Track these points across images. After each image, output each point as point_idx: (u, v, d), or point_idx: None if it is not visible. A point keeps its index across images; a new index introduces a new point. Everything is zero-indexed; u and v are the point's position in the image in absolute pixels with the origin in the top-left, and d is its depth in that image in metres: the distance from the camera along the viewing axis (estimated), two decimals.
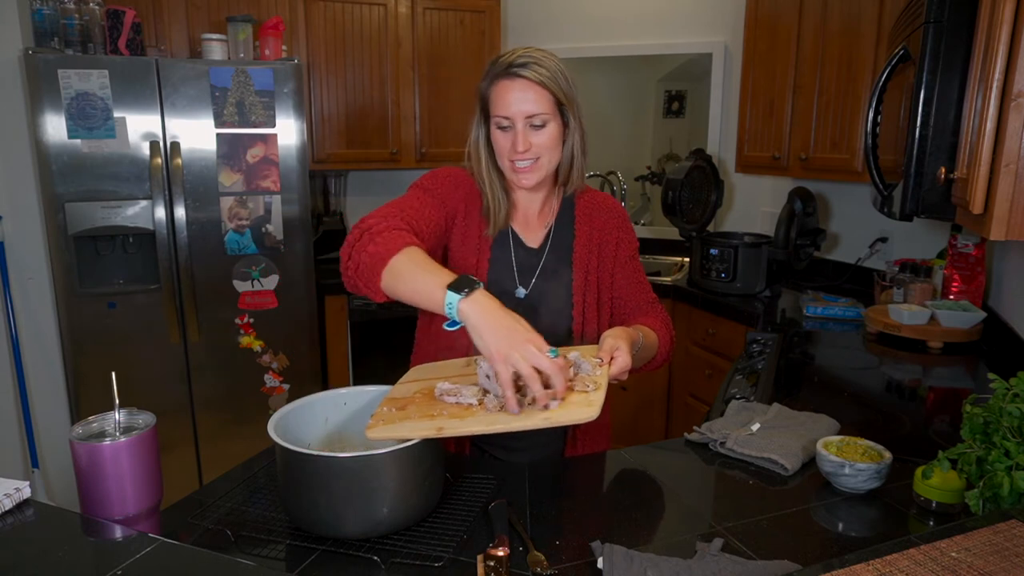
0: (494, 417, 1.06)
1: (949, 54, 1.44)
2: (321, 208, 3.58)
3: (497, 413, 1.06)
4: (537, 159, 1.35)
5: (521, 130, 1.32)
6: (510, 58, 1.32)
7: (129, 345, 2.65)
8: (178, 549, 0.91)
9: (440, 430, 1.03)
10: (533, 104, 1.31)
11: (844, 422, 1.48)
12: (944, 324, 2.13)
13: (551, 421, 1.03)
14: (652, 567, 0.96)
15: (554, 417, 1.03)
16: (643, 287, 1.55)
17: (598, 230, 1.50)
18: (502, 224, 1.43)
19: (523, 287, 1.45)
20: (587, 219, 1.50)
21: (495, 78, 1.33)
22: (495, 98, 1.33)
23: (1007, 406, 1.05)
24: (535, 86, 1.30)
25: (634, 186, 4.02)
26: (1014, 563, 0.80)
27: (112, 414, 1.08)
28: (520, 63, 1.30)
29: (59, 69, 2.41)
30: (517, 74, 1.30)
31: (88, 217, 2.53)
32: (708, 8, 3.53)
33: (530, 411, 1.04)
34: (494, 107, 1.34)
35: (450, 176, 1.43)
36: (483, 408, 1.09)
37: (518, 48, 1.34)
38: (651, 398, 3.23)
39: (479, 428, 1.04)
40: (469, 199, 1.44)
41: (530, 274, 1.45)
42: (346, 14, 3.21)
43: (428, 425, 1.05)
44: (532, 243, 1.47)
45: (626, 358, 1.22)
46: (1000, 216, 1.18)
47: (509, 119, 1.32)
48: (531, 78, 1.30)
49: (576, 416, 1.03)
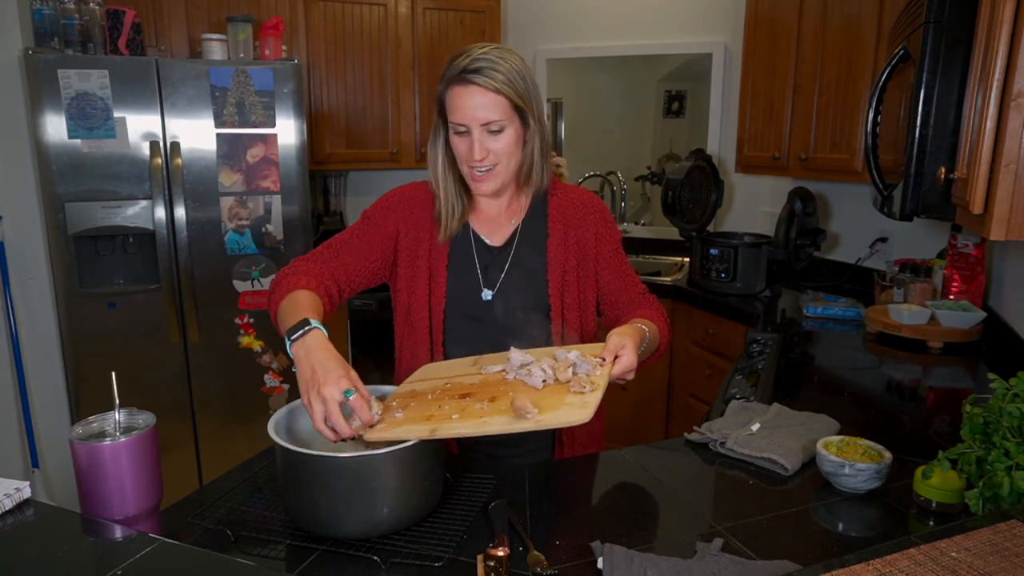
0: (485, 420, 1.05)
1: (949, 54, 1.44)
2: (321, 208, 3.58)
3: (488, 415, 1.06)
4: (494, 166, 1.33)
5: (478, 138, 1.29)
6: (464, 61, 1.27)
7: (129, 345, 2.65)
8: (178, 549, 0.91)
9: (434, 431, 1.04)
10: (488, 111, 1.27)
11: (844, 422, 1.48)
12: (944, 324, 2.13)
13: (542, 424, 1.02)
14: (652, 567, 0.96)
15: (546, 420, 1.03)
16: (632, 279, 1.51)
17: (574, 227, 1.45)
18: (454, 229, 1.41)
19: (489, 289, 1.41)
20: (561, 216, 1.45)
21: (449, 83, 1.30)
22: (450, 104, 1.30)
23: (1007, 406, 1.05)
24: (489, 93, 1.26)
25: (634, 186, 4.02)
26: (1014, 563, 0.80)
27: (112, 414, 1.08)
28: (474, 68, 1.26)
29: (59, 69, 2.41)
30: (470, 80, 1.26)
31: (88, 217, 2.53)
32: (708, 8, 3.53)
33: (521, 413, 1.04)
34: (450, 113, 1.31)
35: (389, 199, 1.46)
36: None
37: (474, 48, 1.29)
38: (651, 398, 3.23)
39: (470, 430, 1.04)
40: (414, 213, 1.43)
41: (496, 275, 1.42)
42: (346, 14, 3.21)
43: (423, 427, 1.05)
44: (496, 241, 1.44)
45: (631, 357, 1.20)
46: (1000, 216, 1.18)
47: (465, 126, 1.30)
48: (485, 85, 1.26)
49: (568, 418, 1.02)
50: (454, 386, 1.19)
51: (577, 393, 1.08)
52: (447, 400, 1.14)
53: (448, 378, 1.23)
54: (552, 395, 1.09)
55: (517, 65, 1.30)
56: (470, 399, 1.13)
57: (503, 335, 1.37)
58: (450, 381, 1.21)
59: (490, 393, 1.13)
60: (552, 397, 1.08)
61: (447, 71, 1.30)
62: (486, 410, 1.07)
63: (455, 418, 1.07)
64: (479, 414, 1.07)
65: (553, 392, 1.10)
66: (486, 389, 1.15)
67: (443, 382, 1.22)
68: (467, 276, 1.42)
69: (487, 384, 1.17)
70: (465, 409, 1.09)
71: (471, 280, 1.41)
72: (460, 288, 1.41)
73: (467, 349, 1.39)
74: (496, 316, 1.40)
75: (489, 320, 1.41)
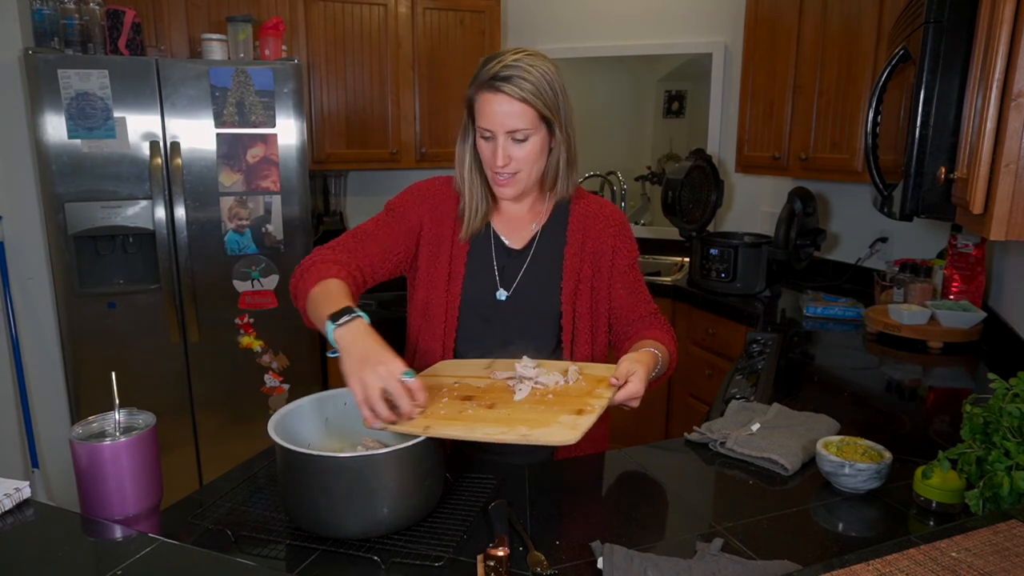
0: (475, 426, 1.07)
1: (949, 54, 1.44)
2: (321, 208, 3.58)
3: (479, 422, 1.08)
4: (517, 172, 1.34)
5: (502, 144, 1.30)
6: (495, 68, 1.28)
7: (129, 345, 2.65)
8: (178, 549, 0.91)
9: (427, 429, 1.05)
10: (514, 119, 1.28)
11: (844, 422, 1.48)
12: (944, 324, 2.13)
13: (528, 439, 1.03)
14: (652, 567, 0.96)
15: (533, 435, 1.04)
16: (644, 297, 1.51)
17: (592, 239, 1.46)
18: (476, 228, 1.42)
19: (504, 289, 1.43)
20: (581, 227, 1.46)
21: (479, 88, 1.30)
22: (478, 109, 1.32)
23: (1007, 406, 1.05)
24: (516, 102, 1.27)
25: (634, 186, 4.02)
26: (1014, 563, 0.80)
27: (112, 414, 1.08)
28: (504, 76, 1.26)
29: (59, 69, 2.41)
30: (499, 88, 1.27)
31: (88, 217, 2.53)
32: (708, 8, 3.53)
33: (511, 425, 1.06)
34: (477, 117, 1.33)
35: (414, 192, 1.47)
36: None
37: (507, 54, 1.30)
38: (651, 398, 3.20)
39: (460, 434, 1.06)
40: (438, 208, 1.44)
41: (513, 276, 1.43)
42: (346, 14, 3.21)
43: (417, 424, 1.07)
44: (515, 244, 1.45)
45: (638, 386, 1.21)
46: (1000, 216, 1.18)
47: (490, 131, 1.31)
48: (512, 94, 1.27)
49: (556, 437, 1.03)
50: (462, 386, 1.21)
51: (572, 413, 1.09)
52: (451, 400, 1.15)
53: (459, 377, 1.24)
54: (547, 411, 1.10)
55: (547, 74, 1.30)
56: (471, 402, 1.14)
57: (513, 336, 1.39)
58: (460, 381, 1.23)
59: (490, 399, 1.15)
60: (547, 413, 1.10)
61: (478, 75, 1.31)
62: (479, 416, 1.09)
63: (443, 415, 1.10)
64: (471, 419, 1.08)
65: (549, 408, 1.12)
66: (488, 394, 1.17)
67: (453, 380, 1.24)
68: (484, 275, 1.43)
69: (492, 389, 1.19)
70: (462, 412, 1.10)
71: (487, 279, 1.43)
72: (476, 286, 1.42)
73: (477, 347, 1.41)
74: (508, 317, 1.42)
75: (501, 320, 1.42)
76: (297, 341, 2.91)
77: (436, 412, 1.11)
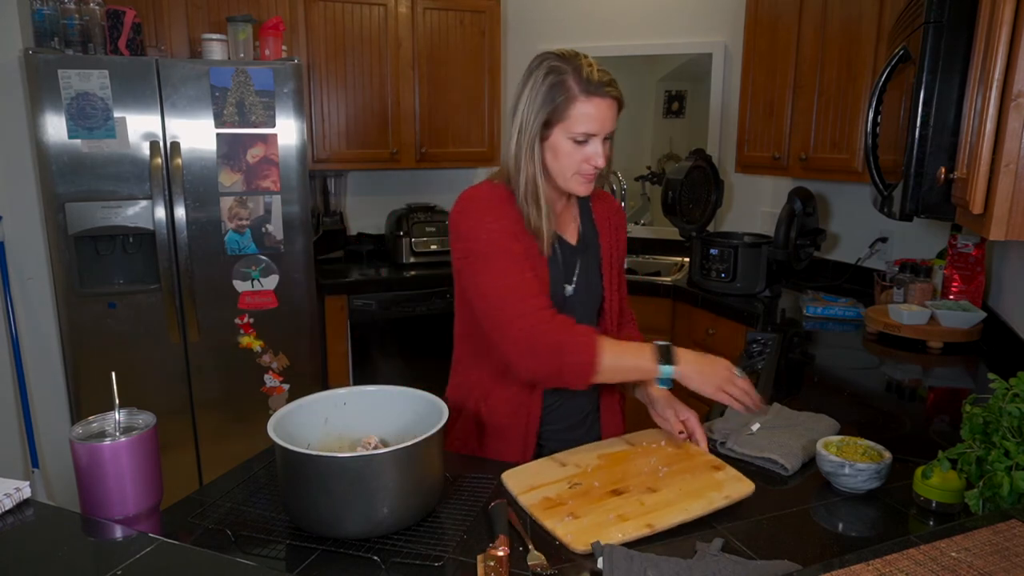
0: (687, 506, 1.14)
1: (949, 54, 1.44)
2: (321, 208, 3.58)
3: (668, 507, 1.14)
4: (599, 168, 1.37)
5: (604, 146, 1.34)
6: (598, 74, 1.30)
7: (129, 345, 2.65)
8: (178, 549, 0.91)
9: (650, 527, 1.09)
10: (613, 120, 1.34)
11: (844, 422, 1.48)
12: (944, 324, 2.13)
13: (731, 500, 1.18)
14: (652, 567, 0.96)
15: (732, 496, 1.18)
16: (625, 287, 1.63)
17: (613, 228, 1.56)
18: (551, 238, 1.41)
19: (568, 284, 1.47)
20: (604, 217, 1.55)
21: (589, 94, 1.29)
22: (582, 113, 1.30)
23: (1007, 406, 1.05)
24: (616, 104, 1.34)
25: (634, 186, 4.02)
26: (1014, 563, 0.80)
27: (112, 414, 1.08)
28: (608, 80, 1.31)
29: (59, 69, 2.41)
30: (608, 93, 1.31)
31: (88, 217, 2.53)
32: (708, 8, 3.53)
33: (698, 496, 1.17)
34: (576, 122, 1.30)
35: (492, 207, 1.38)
36: None
37: (583, 55, 1.32)
38: None
39: (681, 517, 1.12)
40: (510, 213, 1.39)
41: (572, 271, 1.48)
42: (346, 14, 3.21)
43: (640, 524, 1.10)
44: (571, 239, 1.50)
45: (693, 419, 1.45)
46: (1000, 216, 1.18)
47: (593, 135, 1.32)
48: (617, 97, 1.33)
49: (744, 489, 1.20)
50: (586, 485, 1.22)
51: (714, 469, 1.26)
52: (609, 497, 1.18)
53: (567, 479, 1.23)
54: (694, 478, 1.23)
55: None
56: (631, 494, 1.18)
57: None
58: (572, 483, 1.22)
59: (642, 484, 1.21)
60: (698, 477, 1.23)
61: (578, 81, 1.29)
62: (665, 500, 1.16)
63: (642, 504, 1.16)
64: (661, 506, 1.14)
65: (692, 475, 1.24)
66: (627, 480, 1.23)
67: (566, 484, 1.22)
68: (557, 273, 1.45)
69: (624, 476, 1.25)
70: (644, 505, 1.15)
71: (559, 276, 1.46)
72: (554, 284, 1.44)
73: None
74: (571, 310, 1.45)
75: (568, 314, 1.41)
76: (297, 341, 2.91)
77: (626, 512, 1.13)
